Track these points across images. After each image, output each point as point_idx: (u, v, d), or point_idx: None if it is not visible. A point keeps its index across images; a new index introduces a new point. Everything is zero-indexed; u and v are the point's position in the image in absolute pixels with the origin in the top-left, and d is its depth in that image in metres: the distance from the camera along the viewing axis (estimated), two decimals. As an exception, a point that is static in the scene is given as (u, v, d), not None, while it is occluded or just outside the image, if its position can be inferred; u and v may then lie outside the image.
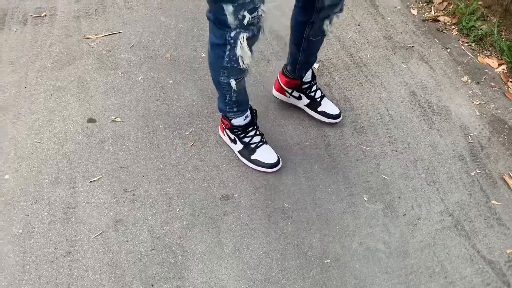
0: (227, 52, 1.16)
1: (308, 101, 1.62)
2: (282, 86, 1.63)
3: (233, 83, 1.25)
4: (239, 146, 1.52)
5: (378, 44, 2.01)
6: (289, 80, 1.58)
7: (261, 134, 1.53)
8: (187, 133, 1.66)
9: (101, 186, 1.49)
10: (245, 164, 1.54)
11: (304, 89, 1.60)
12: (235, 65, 1.19)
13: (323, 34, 1.39)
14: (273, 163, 1.49)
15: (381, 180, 1.54)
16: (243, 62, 1.17)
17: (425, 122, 1.71)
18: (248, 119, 1.47)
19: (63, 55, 1.87)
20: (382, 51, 1.99)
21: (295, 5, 1.34)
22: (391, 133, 1.69)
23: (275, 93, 1.67)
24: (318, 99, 1.61)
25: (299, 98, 1.62)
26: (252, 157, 1.50)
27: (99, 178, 1.51)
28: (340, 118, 1.63)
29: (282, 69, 1.61)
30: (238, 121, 1.45)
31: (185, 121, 1.70)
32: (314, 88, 1.60)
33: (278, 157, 1.52)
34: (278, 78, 1.64)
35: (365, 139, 1.65)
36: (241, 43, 1.11)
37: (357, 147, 1.63)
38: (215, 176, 1.53)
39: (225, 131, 1.53)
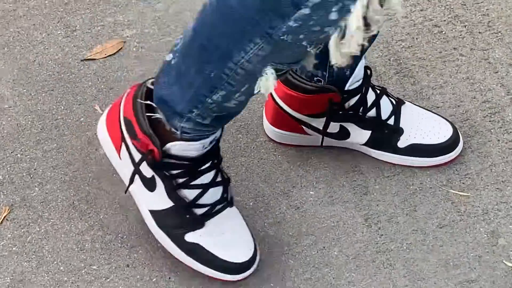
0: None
1: (369, 133, 1.60)
2: (289, 113, 1.65)
3: (271, 76, 1.27)
4: (160, 201, 1.50)
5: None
6: (307, 96, 1.60)
7: (226, 180, 1.56)
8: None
9: None
10: (174, 256, 1.50)
11: (352, 110, 1.62)
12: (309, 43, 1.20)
13: None
14: (243, 262, 1.49)
15: (504, 276, 1.50)
16: (351, 46, 1.14)
17: None
18: (212, 145, 1.51)
19: None
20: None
21: None
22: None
23: (270, 129, 1.71)
24: (392, 121, 1.64)
25: (344, 135, 1.64)
26: (192, 239, 1.49)
27: None
28: (460, 144, 1.65)
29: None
30: (192, 148, 1.46)
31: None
32: (372, 96, 1.63)
33: (254, 244, 1.52)
34: (274, 95, 1.66)
35: (457, 172, 1.62)
36: None
37: (438, 192, 1.61)
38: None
39: (130, 154, 1.48)
